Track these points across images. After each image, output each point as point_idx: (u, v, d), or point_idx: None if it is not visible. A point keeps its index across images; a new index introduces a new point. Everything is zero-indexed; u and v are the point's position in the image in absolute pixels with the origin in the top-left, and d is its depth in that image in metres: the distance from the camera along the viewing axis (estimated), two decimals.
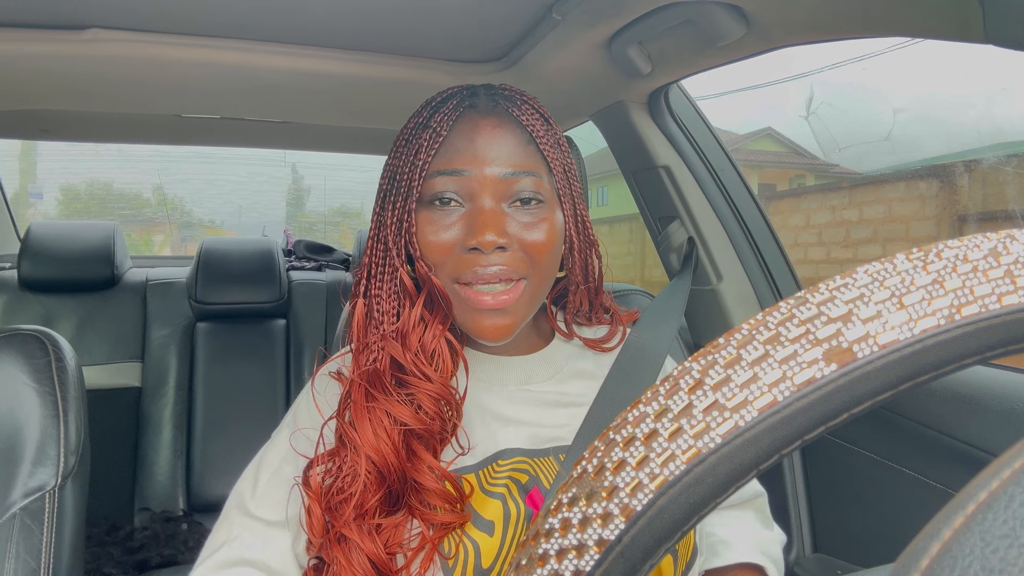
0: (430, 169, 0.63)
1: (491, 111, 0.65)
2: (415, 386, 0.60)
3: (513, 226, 0.62)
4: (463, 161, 0.62)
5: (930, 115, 3.44)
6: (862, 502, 1.04)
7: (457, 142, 0.63)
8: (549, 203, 0.65)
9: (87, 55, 1.07)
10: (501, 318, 0.62)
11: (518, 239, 0.62)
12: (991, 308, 0.21)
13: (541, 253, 0.63)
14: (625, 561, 0.21)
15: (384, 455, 0.58)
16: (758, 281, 1.24)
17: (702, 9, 0.86)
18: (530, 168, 0.63)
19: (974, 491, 0.17)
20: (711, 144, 1.26)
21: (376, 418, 0.59)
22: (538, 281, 0.65)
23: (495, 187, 0.62)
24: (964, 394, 0.86)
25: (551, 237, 0.64)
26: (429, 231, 0.62)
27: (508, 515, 0.60)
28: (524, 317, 0.64)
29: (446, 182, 0.62)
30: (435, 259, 0.63)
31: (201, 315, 1.93)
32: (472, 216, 0.62)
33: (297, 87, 1.27)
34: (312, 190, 5.09)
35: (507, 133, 0.64)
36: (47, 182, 4.36)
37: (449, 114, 0.64)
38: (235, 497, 0.63)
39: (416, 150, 0.63)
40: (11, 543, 0.73)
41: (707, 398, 0.22)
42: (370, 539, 0.57)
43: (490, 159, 0.62)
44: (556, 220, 0.65)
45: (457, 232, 0.62)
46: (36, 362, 0.81)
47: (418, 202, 0.63)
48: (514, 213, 0.63)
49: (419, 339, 0.62)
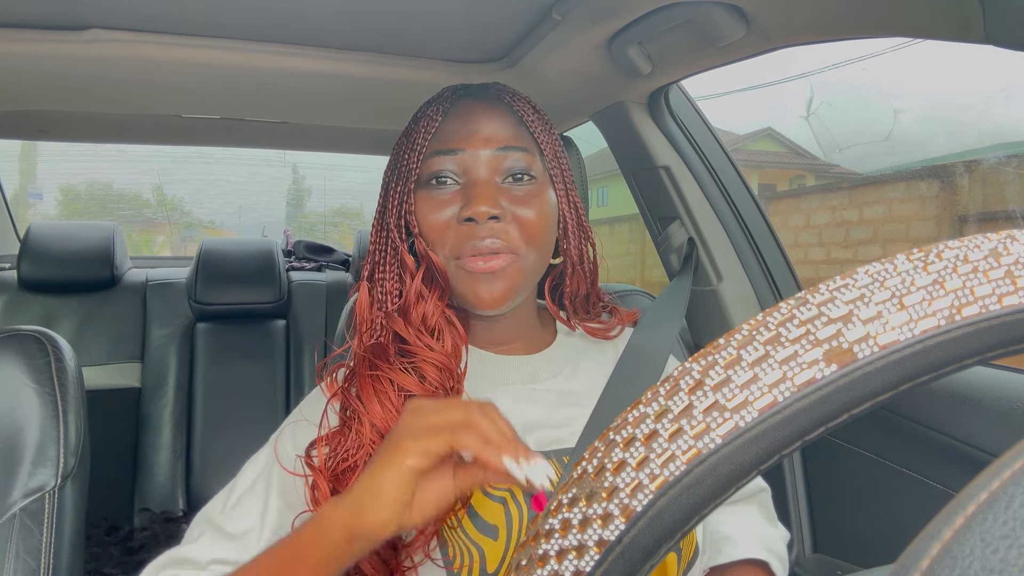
0: (428, 151, 0.66)
1: (483, 97, 0.70)
2: (417, 355, 0.62)
3: (507, 200, 0.65)
4: (458, 140, 0.66)
5: (930, 115, 3.44)
6: (862, 502, 1.04)
7: (452, 125, 0.67)
8: (541, 182, 0.68)
9: (87, 55, 1.07)
10: (497, 283, 0.64)
11: (511, 213, 0.65)
12: (991, 309, 0.21)
13: (534, 229, 0.65)
14: (625, 561, 0.21)
15: (389, 423, 0.59)
16: (758, 281, 1.24)
17: (702, 9, 0.86)
18: (521, 145, 0.67)
19: (974, 491, 0.17)
20: (711, 144, 1.26)
21: (381, 388, 0.61)
22: (533, 258, 0.66)
23: (488, 162, 0.65)
24: (964, 394, 0.86)
25: (544, 214, 0.66)
26: (427, 209, 0.66)
27: (511, 518, 0.60)
28: (518, 288, 0.66)
29: (443, 161, 0.65)
30: (433, 236, 0.65)
31: (201, 315, 1.93)
32: (467, 189, 0.65)
33: (297, 87, 1.27)
34: (312, 190, 5.10)
35: (498, 114, 0.68)
36: (47, 182, 4.36)
37: (444, 102, 0.69)
38: (206, 509, 0.63)
39: (413, 136, 0.67)
40: (11, 543, 0.73)
41: (707, 399, 0.22)
42: None
43: (483, 136, 0.66)
44: (549, 198, 0.68)
45: (454, 208, 0.65)
46: (36, 362, 0.81)
47: (416, 183, 0.67)
48: (508, 188, 0.66)
49: (420, 314, 0.65)
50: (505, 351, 0.71)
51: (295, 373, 1.95)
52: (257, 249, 2.04)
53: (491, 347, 0.71)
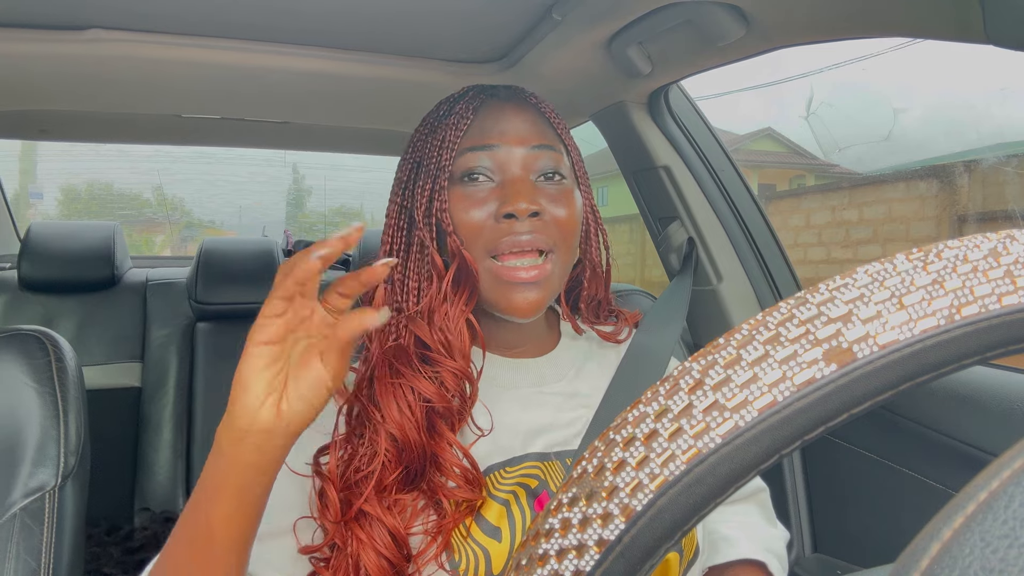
0: (460, 147, 0.65)
1: (510, 98, 0.69)
2: (439, 363, 0.62)
3: (542, 198, 0.64)
4: (492, 137, 0.66)
5: (930, 115, 3.44)
6: (862, 502, 1.04)
7: (483, 123, 0.67)
8: (570, 181, 0.68)
9: (87, 55, 1.07)
10: (532, 292, 0.63)
11: (549, 212, 0.65)
12: (991, 308, 0.21)
13: (567, 228, 0.66)
14: (625, 561, 0.21)
15: (406, 431, 0.58)
16: (758, 281, 1.24)
17: (702, 9, 0.86)
18: (552, 144, 0.67)
19: (974, 491, 0.17)
20: (711, 144, 1.26)
21: (400, 394, 0.60)
22: (564, 258, 0.67)
23: (524, 159, 0.65)
24: (964, 394, 0.86)
25: (574, 213, 0.67)
26: (462, 207, 0.64)
27: (513, 520, 0.60)
28: (551, 294, 0.66)
29: (478, 156, 0.65)
30: (468, 234, 0.64)
31: (201, 315, 1.93)
32: (505, 187, 0.64)
33: (297, 87, 1.27)
34: (312, 190, 5.10)
35: (528, 114, 0.68)
36: (47, 182, 4.37)
37: (470, 102, 0.68)
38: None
39: (443, 133, 0.66)
40: (11, 543, 0.73)
41: (707, 398, 0.22)
42: (389, 514, 0.57)
43: (517, 134, 0.66)
44: (577, 198, 0.69)
45: (490, 206, 0.64)
46: (36, 362, 0.81)
47: (448, 180, 0.65)
48: (541, 186, 0.66)
49: (443, 317, 0.63)
50: (513, 355, 0.71)
51: None
52: (257, 249, 2.04)
53: (500, 351, 0.71)
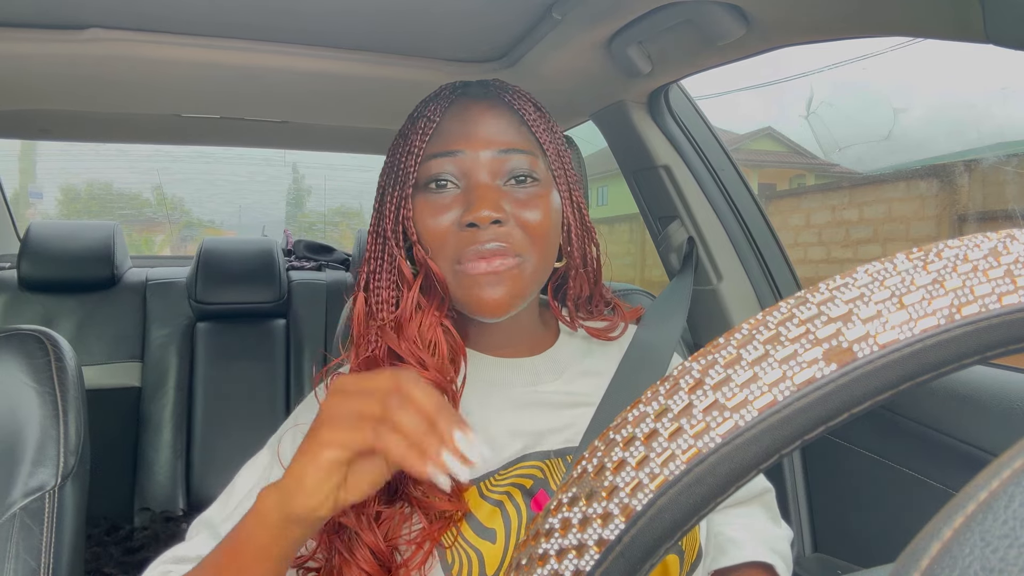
0: (425, 153, 0.63)
1: (482, 96, 0.67)
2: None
3: (509, 203, 0.62)
4: (457, 142, 0.63)
5: (931, 115, 3.44)
6: (862, 502, 1.04)
7: (451, 125, 0.64)
8: (544, 183, 0.65)
9: (87, 55, 1.07)
10: (497, 287, 0.61)
11: (515, 217, 0.62)
12: (991, 308, 0.21)
13: (538, 232, 0.63)
14: (625, 561, 0.21)
15: None
16: (758, 281, 1.24)
17: (702, 9, 0.86)
18: (523, 147, 0.64)
19: (974, 491, 0.17)
20: (711, 144, 1.26)
21: None
22: (536, 262, 0.64)
23: (489, 164, 0.63)
24: (964, 394, 0.86)
25: (547, 217, 0.64)
26: (427, 214, 0.63)
27: (509, 521, 0.59)
28: (521, 294, 0.63)
29: (442, 163, 0.63)
30: (433, 243, 0.63)
31: (201, 315, 1.93)
32: (468, 193, 0.62)
33: (297, 87, 1.27)
34: (312, 190, 5.10)
35: (499, 114, 0.65)
36: (47, 182, 4.37)
37: (441, 102, 0.65)
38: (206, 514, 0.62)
39: (411, 138, 0.64)
40: (11, 543, 0.73)
41: (707, 398, 0.22)
42: (370, 530, 0.56)
43: (483, 137, 0.63)
44: (552, 201, 0.66)
45: (454, 213, 0.62)
46: (36, 362, 0.81)
47: (414, 187, 0.64)
48: (510, 191, 0.63)
49: (417, 327, 0.62)
50: (504, 354, 0.70)
51: (295, 372, 1.95)
52: (257, 248, 2.04)
53: (490, 351, 0.69)
